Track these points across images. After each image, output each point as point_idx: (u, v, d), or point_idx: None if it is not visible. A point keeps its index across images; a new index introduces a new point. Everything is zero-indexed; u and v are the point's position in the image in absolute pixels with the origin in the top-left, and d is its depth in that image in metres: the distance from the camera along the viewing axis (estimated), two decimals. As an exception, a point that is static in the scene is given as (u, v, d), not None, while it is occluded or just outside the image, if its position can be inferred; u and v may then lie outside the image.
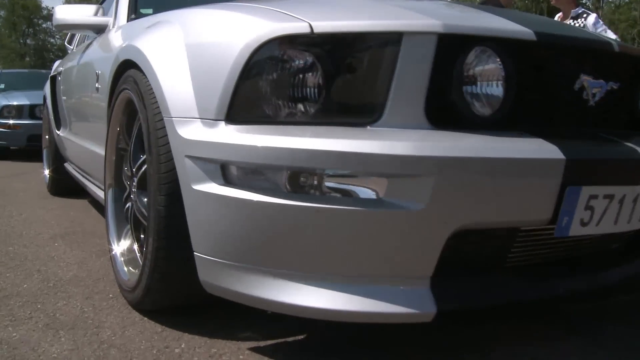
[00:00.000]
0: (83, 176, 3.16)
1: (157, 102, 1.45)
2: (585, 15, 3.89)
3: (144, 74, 1.55)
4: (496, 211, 1.21)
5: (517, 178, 1.21)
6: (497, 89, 1.27)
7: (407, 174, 1.14)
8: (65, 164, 3.76)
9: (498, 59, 1.26)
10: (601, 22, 3.87)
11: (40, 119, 6.41)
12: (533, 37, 1.29)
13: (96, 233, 2.76)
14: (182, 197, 1.33)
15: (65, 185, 3.89)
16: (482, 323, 1.61)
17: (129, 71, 1.71)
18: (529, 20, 1.44)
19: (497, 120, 1.28)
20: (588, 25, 3.77)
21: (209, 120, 1.27)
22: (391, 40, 1.20)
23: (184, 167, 1.30)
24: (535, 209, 1.25)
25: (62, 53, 35.36)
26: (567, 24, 3.54)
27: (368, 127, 1.21)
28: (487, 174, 1.18)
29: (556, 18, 4.02)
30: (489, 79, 1.26)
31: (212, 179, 1.25)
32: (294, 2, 1.52)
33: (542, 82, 1.38)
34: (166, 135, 1.39)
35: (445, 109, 1.25)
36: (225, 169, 1.24)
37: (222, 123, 1.25)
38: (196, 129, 1.29)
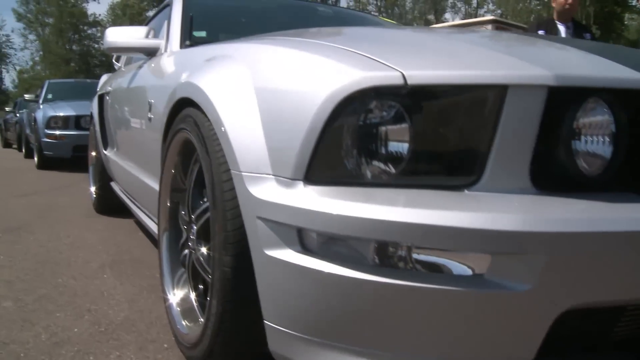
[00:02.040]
0: (129, 199, 3.10)
1: (222, 150, 1.33)
2: None
3: (206, 116, 1.44)
4: (609, 289, 1.06)
5: (635, 253, 1.05)
6: (608, 147, 1.11)
7: (513, 251, 0.99)
8: (111, 183, 3.72)
9: (612, 112, 1.10)
10: None
11: (85, 129, 6.48)
12: (655, 86, 1.13)
13: (144, 261, 2.68)
14: (252, 260, 1.21)
15: (110, 204, 3.86)
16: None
17: (188, 110, 1.60)
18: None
19: (607, 181, 1.13)
20: None
21: (285, 179, 1.14)
22: (495, 93, 1.05)
23: (255, 229, 1.18)
24: (652, 284, 1.09)
25: (105, 58, 36.09)
26: None
27: (465, 191, 1.07)
28: (603, 250, 1.02)
29: None
30: (599, 135, 1.11)
31: (288, 245, 1.12)
32: (378, 43, 1.38)
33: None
34: (233, 189, 1.27)
35: (552, 170, 1.10)
36: (302, 235, 1.11)
37: (301, 183, 1.12)
38: (270, 189, 1.16)
